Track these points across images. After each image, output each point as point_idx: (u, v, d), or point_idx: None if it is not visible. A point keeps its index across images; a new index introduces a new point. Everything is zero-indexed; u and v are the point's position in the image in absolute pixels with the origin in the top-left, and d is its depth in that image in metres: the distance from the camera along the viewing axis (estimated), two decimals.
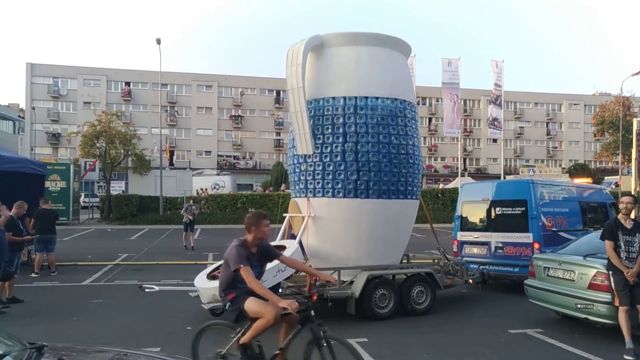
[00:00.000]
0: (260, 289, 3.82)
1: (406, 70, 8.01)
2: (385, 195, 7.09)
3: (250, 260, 3.97)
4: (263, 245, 4.15)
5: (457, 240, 10.10)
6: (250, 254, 4.03)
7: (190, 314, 7.07)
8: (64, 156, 46.70)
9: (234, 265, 3.87)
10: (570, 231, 9.06)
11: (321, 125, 7.14)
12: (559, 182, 12.08)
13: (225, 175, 40.65)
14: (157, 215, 26.73)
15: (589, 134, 58.47)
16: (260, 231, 4.05)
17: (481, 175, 51.01)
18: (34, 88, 49.77)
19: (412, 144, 7.38)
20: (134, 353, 3.18)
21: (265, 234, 4.12)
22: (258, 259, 4.11)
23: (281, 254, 4.34)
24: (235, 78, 53.99)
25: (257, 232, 4.05)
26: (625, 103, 40.47)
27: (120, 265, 12.21)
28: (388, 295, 6.96)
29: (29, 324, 6.58)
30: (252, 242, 4.07)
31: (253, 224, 4.05)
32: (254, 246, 4.08)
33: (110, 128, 28.17)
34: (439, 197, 28.93)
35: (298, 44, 7.04)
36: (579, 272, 6.05)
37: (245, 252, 3.96)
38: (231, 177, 40.13)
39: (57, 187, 24.32)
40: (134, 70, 51.59)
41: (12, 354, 2.62)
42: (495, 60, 32.61)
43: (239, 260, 3.87)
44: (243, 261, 3.87)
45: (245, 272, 3.84)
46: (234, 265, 3.87)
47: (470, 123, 58.01)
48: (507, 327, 6.49)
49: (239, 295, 3.97)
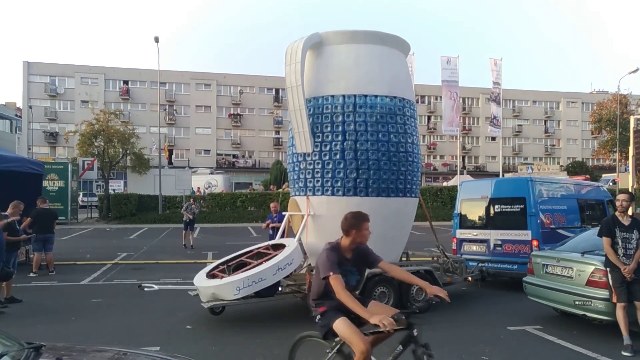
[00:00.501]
0: (349, 301, 3.33)
1: (405, 68, 8.00)
2: (385, 193, 7.09)
3: (343, 267, 3.54)
4: (360, 250, 3.68)
5: (456, 237, 10.11)
6: (343, 259, 3.58)
7: (189, 312, 7.06)
8: (62, 155, 46.64)
9: (323, 272, 3.44)
10: (569, 228, 9.09)
11: (320, 123, 7.13)
12: (557, 179, 12.10)
13: (218, 174, 40.57)
14: (156, 214, 26.73)
15: (587, 131, 58.59)
16: (361, 235, 3.59)
17: (480, 173, 51.07)
18: (31, 87, 49.68)
19: (411, 142, 7.38)
20: (133, 352, 3.18)
21: (366, 239, 3.64)
22: (354, 264, 3.65)
23: (381, 259, 3.79)
24: (234, 76, 53.94)
25: (357, 236, 3.57)
26: (622, 101, 40.58)
27: (119, 265, 12.19)
28: (387, 293, 6.97)
29: (27, 323, 6.56)
30: (348, 246, 3.61)
31: (353, 226, 3.57)
32: (349, 251, 3.63)
33: (109, 127, 28.11)
34: (438, 195, 28.97)
35: (297, 42, 7.02)
36: (577, 269, 6.06)
37: (337, 257, 3.51)
38: (224, 176, 40.03)
39: (55, 186, 24.29)
40: (132, 69, 51.53)
41: (10, 354, 2.61)
42: (494, 59, 32.63)
43: (328, 267, 3.43)
44: (333, 268, 3.42)
45: (334, 280, 3.38)
46: (323, 272, 3.44)
47: (469, 121, 58.08)
48: (506, 324, 6.50)
49: (331, 310, 3.53)
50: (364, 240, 3.63)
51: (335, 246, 3.61)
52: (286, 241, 7.27)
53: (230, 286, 6.20)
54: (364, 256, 3.70)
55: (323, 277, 3.44)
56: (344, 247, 3.61)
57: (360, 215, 3.63)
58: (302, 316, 7.05)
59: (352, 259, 3.64)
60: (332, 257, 3.49)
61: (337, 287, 3.37)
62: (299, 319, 6.89)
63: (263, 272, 6.28)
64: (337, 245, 3.63)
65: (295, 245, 6.86)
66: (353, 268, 3.64)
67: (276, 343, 5.65)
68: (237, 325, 6.57)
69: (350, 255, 3.64)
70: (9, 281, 7.84)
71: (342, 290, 3.35)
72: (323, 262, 3.49)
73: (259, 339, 5.82)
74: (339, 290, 3.35)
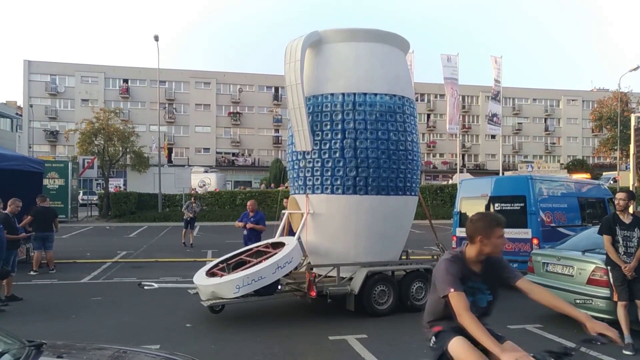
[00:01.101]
0: (475, 327, 2.52)
1: (405, 67, 7.99)
2: (384, 191, 7.09)
3: (469, 283, 2.75)
4: (493, 262, 2.83)
5: (456, 236, 10.12)
6: (469, 274, 2.77)
7: (189, 311, 7.06)
8: (62, 154, 46.58)
9: (442, 289, 2.68)
10: (569, 227, 9.08)
11: (320, 121, 7.12)
12: (558, 177, 12.10)
13: (212, 173, 40.47)
14: (156, 213, 26.73)
15: (587, 129, 58.54)
16: (490, 244, 2.72)
17: (480, 172, 51.04)
18: (31, 85, 49.63)
19: (410, 140, 7.37)
20: (133, 350, 3.18)
21: (498, 249, 2.77)
22: (485, 280, 2.82)
23: (521, 275, 2.90)
24: (233, 75, 53.89)
25: (487, 245, 2.72)
26: (623, 99, 40.56)
27: (119, 263, 12.20)
28: (387, 292, 6.97)
29: (27, 322, 6.57)
30: (474, 257, 2.78)
31: (479, 232, 2.73)
32: (476, 263, 2.80)
33: (109, 125, 28.12)
34: (437, 194, 28.97)
35: (296, 41, 7.01)
36: (577, 268, 6.06)
37: (459, 271, 2.73)
38: (217, 175, 39.87)
39: (55, 184, 24.29)
40: (132, 68, 51.47)
41: (10, 352, 2.61)
42: (494, 56, 32.60)
43: (448, 282, 2.66)
44: (454, 284, 2.65)
45: (455, 298, 2.60)
46: (442, 289, 2.68)
47: (469, 119, 58.04)
48: (506, 322, 6.49)
49: (447, 330, 2.80)
50: (495, 250, 2.77)
51: (458, 256, 2.81)
52: (286, 239, 7.26)
53: (230, 284, 6.20)
54: (498, 271, 2.84)
55: (442, 295, 2.67)
56: (469, 257, 2.80)
57: (490, 219, 2.78)
58: (301, 315, 7.07)
59: (482, 273, 2.82)
60: (453, 270, 2.72)
61: (459, 308, 2.59)
62: (299, 318, 6.91)
63: (262, 271, 6.28)
64: (461, 255, 2.82)
65: (295, 243, 6.85)
66: (483, 285, 2.81)
67: (276, 341, 5.66)
68: (236, 323, 6.57)
69: (479, 268, 2.81)
70: (9, 279, 7.84)
71: (465, 311, 2.57)
72: (441, 276, 2.72)
73: (258, 338, 5.82)
74: (462, 312, 2.57)
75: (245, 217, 9.26)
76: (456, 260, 2.78)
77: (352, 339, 5.72)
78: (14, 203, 8.91)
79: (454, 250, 2.97)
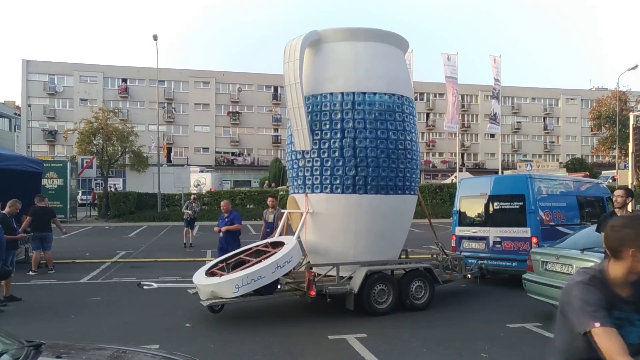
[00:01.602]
0: None
1: (404, 66, 7.99)
2: (384, 190, 7.09)
3: (614, 312, 1.95)
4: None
5: (456, 235, 10.11)
6: (615, 300, 1.99)
7: (188, 310, 7.06)
8: (61, 153, 46.55)
9: (580, 322, 1.92)
10: (568, 225, 9.08)
11: (319, 121, 7.12)
12: (557, 176, 12.11)
13: (207, 172, 40.45)
14: (155, 212, 26.71)
15: (586, 128, 58.58)
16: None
17: (479, 170, 51.05)
18: (30, 85, 49.56)
19: (410, 139, 7.37)
20: (132, 350, 3.18)
21: None
22: (637, 308, 2.02)
23: None
24: (232, 74, 53.85)
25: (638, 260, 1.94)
26: (621, 97, 40.60)
27: (119, 263, 12.19)
28: (387, 291, 6.97)
29: (26, 322, 6.57)
30: (623, 277, 2.00)
31: (632, 242, 1.94)
32: (624, 285, 2.02)
33: (107, 125, 28.08)
34: (437, 193, 28.97)
35: (295, 40, 7.00)
36: (576, 266, 6.06)
37: (601, 298, 1.95)
38: (213, 174, 39.84)
39: (54, 184, 24.26)
40: (131, 67, 51.41)
41: (9, 352, 2.61)
42: (493, 55, 32.61)
43: (588, 313, 1.90)
44: (597, 315, 1.89)
45: (604, 336, 1.85)
46: (580, 322, 1.92)
47: (468, 118, 58.07)
48: (505, 321, 6.51)
49: None
50: None
51: (597, 277, 2.03)
52: (285, 239, 7.26)
53: (230, 284, 6.20)
54: None
55: (582, 331, 1.91)
56: (614, 278, 2.02)
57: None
58: (301, 314, 7.07)
59: (633, 299, 2.03)
60: (594, 297, 1.95)
61: (610, 351, 1.82)
62: (298, 317, 6.91)
63: (262, 270, 6.28)
64: (600, 275, 2.04)
65: (294, 243, 6.85)
66: (634, 315, 2.02)
67: (275, 341, 5.66)
68: (236, 323, 6.57)
69: (628, 292, 2.03)
70: (8, 279, 7.83)
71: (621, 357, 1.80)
72: (577, 305, 1.96)
73: (258, 337, 5.82)
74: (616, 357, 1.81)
75: (221, 219, 9.21)
76: (596, 283, 2.00)
77: (351, 338, 5.72)
78: (14, 204, 8.89)
79: (589, 269, 2.11)
